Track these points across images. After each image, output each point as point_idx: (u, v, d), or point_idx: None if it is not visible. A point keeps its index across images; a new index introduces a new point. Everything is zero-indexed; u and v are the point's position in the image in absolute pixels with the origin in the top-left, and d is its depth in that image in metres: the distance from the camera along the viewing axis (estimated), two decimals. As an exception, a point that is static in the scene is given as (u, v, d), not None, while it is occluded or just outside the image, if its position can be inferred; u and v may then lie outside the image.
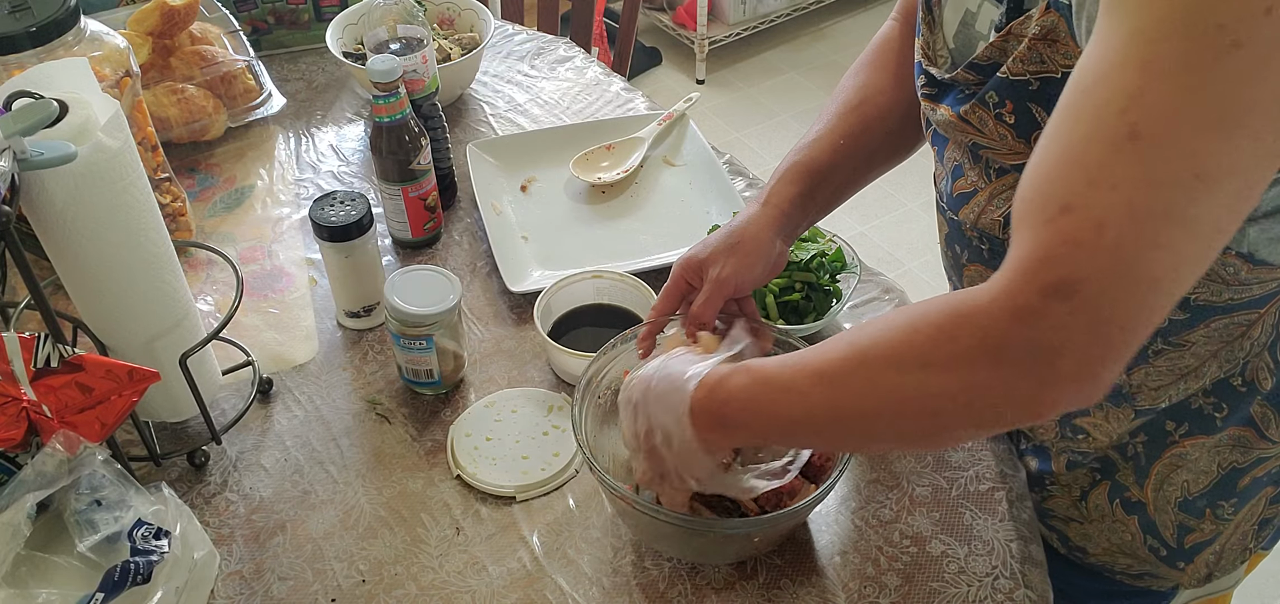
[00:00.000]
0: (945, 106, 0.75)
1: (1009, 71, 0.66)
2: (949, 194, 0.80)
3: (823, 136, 0.88)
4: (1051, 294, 0.51)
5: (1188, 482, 0.82)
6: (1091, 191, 0.50)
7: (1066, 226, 0.50)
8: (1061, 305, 0.50)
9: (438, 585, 0.81)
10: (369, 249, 1.01)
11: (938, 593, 0.79)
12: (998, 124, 0.70)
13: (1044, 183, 0.53)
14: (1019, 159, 0.70)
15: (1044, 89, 0.65)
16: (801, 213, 0.87)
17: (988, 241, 0.78)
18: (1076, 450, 0.85)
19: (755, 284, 0.86)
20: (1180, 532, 0.84)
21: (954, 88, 0.74)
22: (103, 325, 0.82)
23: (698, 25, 3.21)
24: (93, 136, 0.73)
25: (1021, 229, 0.54)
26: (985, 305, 0.54)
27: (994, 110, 0.69)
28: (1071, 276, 0.50)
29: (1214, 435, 0.79)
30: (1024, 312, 0.52)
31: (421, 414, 0.96)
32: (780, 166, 0.89)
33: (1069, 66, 0.63)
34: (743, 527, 0.76)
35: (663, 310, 0.87)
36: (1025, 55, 0.65)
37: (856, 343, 0.61)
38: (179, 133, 1.26)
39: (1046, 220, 0.52)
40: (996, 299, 0.53)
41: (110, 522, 0.70)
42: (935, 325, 0.56)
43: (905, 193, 2.79)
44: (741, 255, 0.84)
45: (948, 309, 0.56)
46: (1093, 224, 0.50)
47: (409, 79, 1.10)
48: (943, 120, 0.75)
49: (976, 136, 0.72)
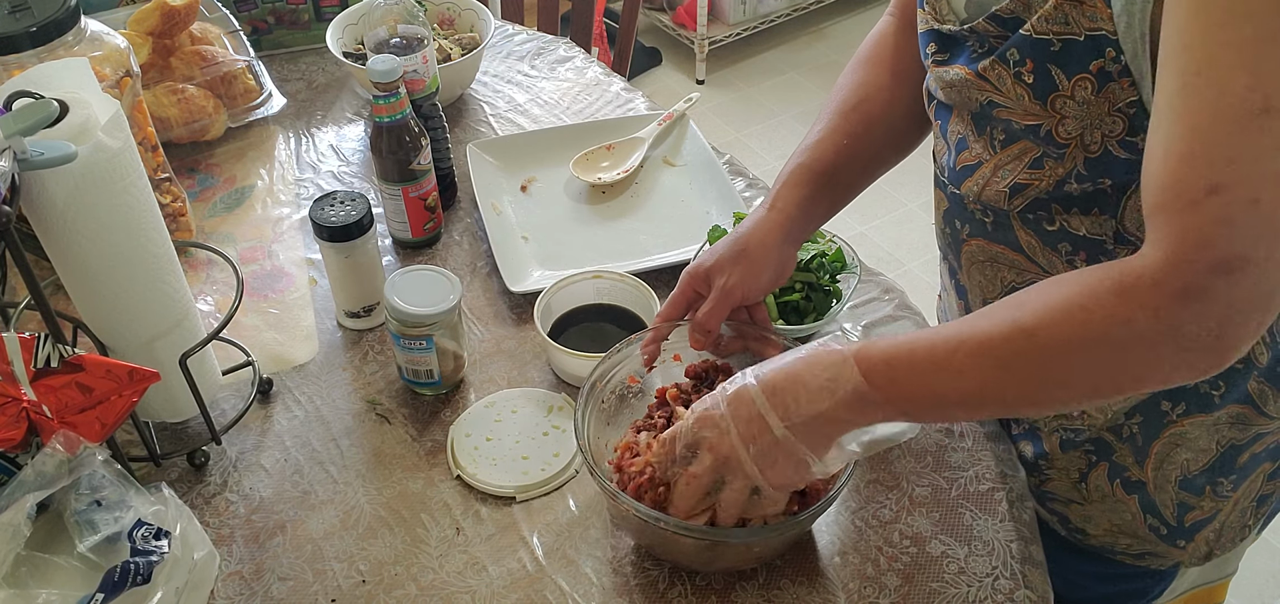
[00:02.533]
0: (959, 65, 0.74)
1: (1032, 29, 0.66)
2: (951, 167, 0.80)
3: (825, 138, 0.88)
4: (1218, 272, 0.54)
5: (1187, 460, 0.82)
6: (1236, 169, 0.53)
7: (1218, 207, 0.54)
8: (1226, 280, 0.54)
9: (438, 586, 0.81)
10: (369, 249, 1.01)
11: (938, 593, 0.79)
12: (1016, 83, 0.69)
13: (1179, 166, 0.55)
14: (1033, 120, 0.70)
15: (1066, 51, 0.65)
16: (808, 216, 0.87)
17: (991, 214, 0.78)
18: (1068, 428, 0.85)
19: (763, 292, 0.86)
20: (1180, 510, 0.84)
21: (967, 44, 0.73)
22: (103, 325, 0.82)
23: (698, 25, 3.21)
24: (93, 136, 0.73)
25: (1162, 215, 0.56)
26: (1153, 285, 0.57)
27: (1013, 68, 0.69)
28: (1236, 254, 0.54)
29: (1212, 413, 0.79)
30: (1194, 291, 0.55)
31: (421, 414, 0.96)
32: (784, 170, 0.88)
33: (1094, 30, 0.63)
34: (745, 535, 0.75)
35: (667, 317, 0.87)
36: (1051, 14, 0.64)
37: (1021, 321, 0.62)
38: (179, 133, 1.26)
39: (1192, 203, 0.54)
40: (1164, 279, 0.56)
41: (110, 522, 0.70)
42: (1108, 307, 0.59)
43: (905, 193, 2.79)
44: (748, 264, 0.84)
45: (1114, 288, 0.59)
46: (1247, 201, 0.53)
47: (409, 79, 1.10)
48: (954, 80, 0.74)
49: (993, 94, 0.71)
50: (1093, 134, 0.67)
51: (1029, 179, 0.73)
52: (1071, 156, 0.69)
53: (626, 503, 0.75)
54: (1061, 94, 0.67)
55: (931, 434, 0.91)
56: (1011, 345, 0.62)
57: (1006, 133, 0.73)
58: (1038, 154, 0.72)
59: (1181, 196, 0.55)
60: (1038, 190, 0.73)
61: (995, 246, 0.80)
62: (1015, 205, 0.75)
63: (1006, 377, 0.63)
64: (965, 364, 0.64)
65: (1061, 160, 0.70)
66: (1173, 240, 0.56)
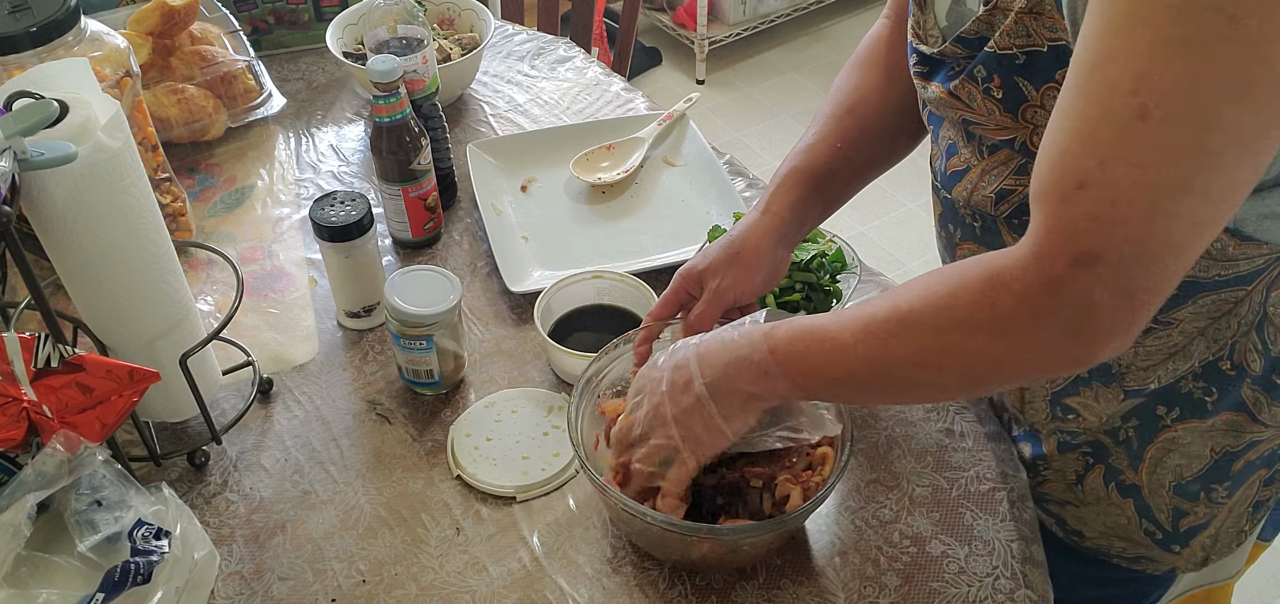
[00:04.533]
0: (936, 84, 0.75)
1: (996, 46, 0.67)
2: (943, 173, 0.81)
3: (820, 140, 0.89)
4: (1079, 264, 0.55)
5: (1181, 466, 0.82)
6: (1105, 170, 0.54)
7: (1085, 202, 0.55)
8: (1088, 273, 0.55)
9: (438, 586, 0.81)
10: (369, 249, 1.01)
11: (938, 593, 0.79)
12: (986, 99, 0.70)
13: (1059, 159, 0.56)
14: (1007, 133, 0.71)
15: (1031, 63, 0.66)
16: (802, 218, 0.88)
17: (980, 219, 0.79)
18: (1067, 430, 0.85)
19: (756, 294, 0.86)
20: (1175, 515, 0.84)
21: (944, 65, 0.74)
22: (103, 325, 0.82)
23: (698, 25, 3.21)
24: (93, 136, 0.73)
25: (1041, 204, 0.58)
26: (1020, 273, 0.58)
27: (982, 85, 0.70)
28: (1094, 249, 0.55)
29: (1206, 420, 0.79)
30: (1056, 280, 0.56)
31: (421, 414, 0.96)
32: (778, 172, 0.89)
33: (1055, 40, 0.64)
34: (736, 532, 0.75)
35: (659, 316, 0.88)
36: (1012, 28, 0.66)
37: (898, 305, 0.65)
38: (179, 133, 1.26)
39: (1063, 197, 0.56)
40: (1029, 267, 0.58)
41: (110, 522, 0.70)
42: (975, 290, 0.61)
43: (905, 193, 2.79)
44: (741, 266, 0.84)
45: (985, 274, 0.60)
46: (1109, 200, 0.54)
47: (409, 79, 1.10)
48: (934, 97, 0.76)
49: (966, 112, 0.73)
50: None
51: (1014, 185, 0.74)
52: None
53: (615, 497, 0.75)
54: (1031, 104, 0.68)
55: (932, 434, 0.91)
56: (888, 324, 0.65)
57: (990, 142, 0.74)
58: (1020, 162, 0.73)
59: (1056, 189, 0.56)
60: (1022, 196, 0.73)
61: (985, 250, 0.80)
62: (1001, 211, 0.75)
63: (884, 355, 0.65)
64: (849, 340, 0.66)
65: None
66: (1043, 231, 0.57)
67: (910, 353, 0.64)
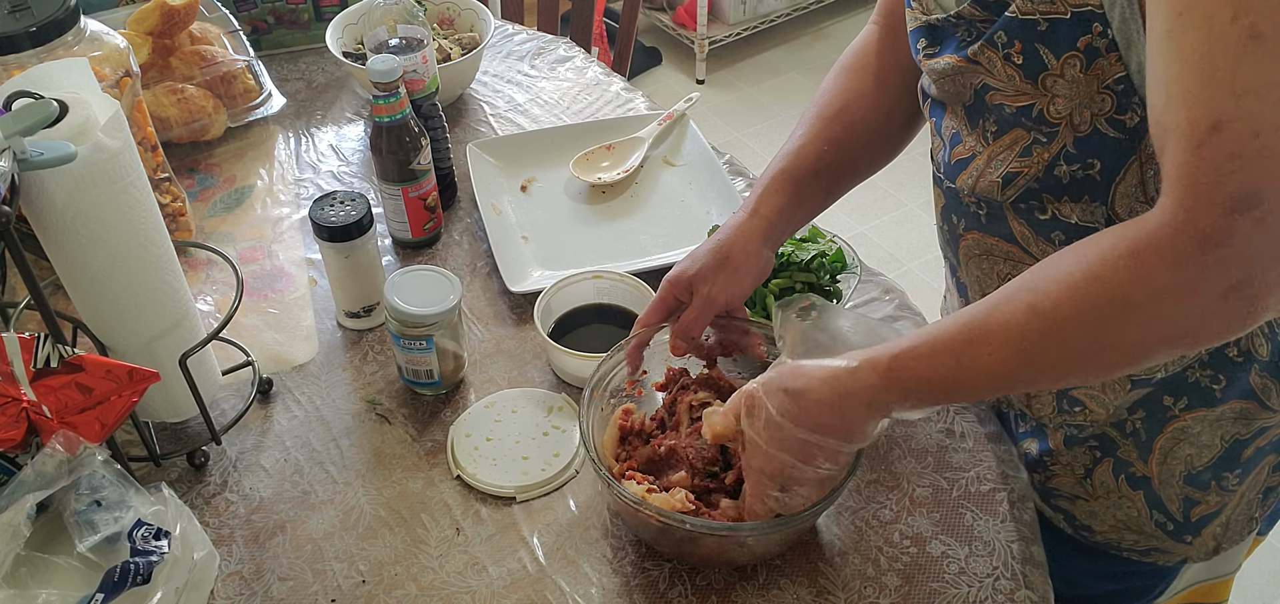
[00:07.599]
0: (948, 55, 0.75)
1: (1018, 10, 0.66)
2: (946, 163, 0.81)
3: (806, 144, 0.89)
4: (1233, 210, 0.52)
5: (1192, 455, 0.82)
6: (1235, 103, 0.51)
7: (1223, 143, 0.52)
8: (1247, 218, 0.52)
9: (438, 586, 0.81)
10: (369, 249, 1.01)
11: (938, 593, 0.79)
12: (1006, 64, 0.69)
13: (1181, 107, 0.54)
14: (1025, 100, 0.70)
15: (1053, 30, 0.65)
16: (787, 221, 0.88)
17: (985, 206, 0.78)
18: (1073, 423, 0.85)
19: (745, 296, 0.87)
20: (1186, 504, 0.85)
21: (956, 34, 0.74)
22: (103, 325, 0.82)
23: (698, 25, 3.21)
24: (93, 136, 0.73)
25: (1170, 157, 0.54)
26: (1169, 236, 0.54)
27: (1002, 51, 0.69)
28: (1248, 187, 0.51)
29: (1215, 408, 0.79)
30: (1212, 234, 0.53)
31: (421, 414, 0.96)
32: (765, 174, 0.90)
33: (1080, 7, 0.63)
34: (741, 530, 0.75)
35: (647, 323, 0.88)
36: None
37: (1037, 305, 0.60)
38: (179, 133, 1.26)
39: (1197, 143, 0.53)
40: (1180, 228, 0.54)
41: (110, 522, 0.70)
42: (1122, 267, 0.56)
43: (905, 193, 2.79)
44: (731, 270, 0.85)
45: (1128, 248, 0.56)
46: (1250, 133, 0.51)
47: (409, 79, 1.10)
48: (945, 69, 0.75)
49: (986, 77, 0.72)
50: (1082, 114, 0.68)
51: (1020, 167, 0.73)
52: (1061, 137, 0.70)
53: (622, 493, 0.75)
54: (1051, 73, 0.67)
55: (932, 434, 0.91)
56: (1031, 327, 0.60)
57: (999, 122, 0.74)
58: (1028, 141, 0.72)
59: (1187, 138, 0.53)
60: (1029, 177, 0.73)
61: (990, 239, 0.80)
62: (1008, 196, 0.75)
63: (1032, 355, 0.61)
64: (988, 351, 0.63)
65: (1052, 142, 0.71)
66: (1183, 186, 0.53)
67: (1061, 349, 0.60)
